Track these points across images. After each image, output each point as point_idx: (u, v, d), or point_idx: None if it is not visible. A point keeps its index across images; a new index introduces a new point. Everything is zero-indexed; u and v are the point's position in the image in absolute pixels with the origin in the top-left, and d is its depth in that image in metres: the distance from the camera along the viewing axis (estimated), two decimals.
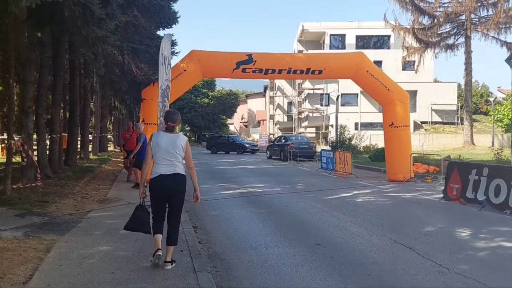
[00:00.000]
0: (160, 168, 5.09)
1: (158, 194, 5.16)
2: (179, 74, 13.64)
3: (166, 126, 5.20)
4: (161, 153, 5.05)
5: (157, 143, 5.06)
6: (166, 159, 5.08)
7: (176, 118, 5.21)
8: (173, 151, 5.07)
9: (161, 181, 5.08)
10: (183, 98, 64.74)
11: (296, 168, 21.30)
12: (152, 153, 5.11)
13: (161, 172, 5.07)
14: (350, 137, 26.95)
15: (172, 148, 5.06)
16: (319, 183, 14.81)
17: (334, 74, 14.68)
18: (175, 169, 5.13)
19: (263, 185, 14.51)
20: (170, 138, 5.09)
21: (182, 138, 5.20)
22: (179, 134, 5.30)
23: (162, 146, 5.04)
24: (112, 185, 13.50)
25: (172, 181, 5.12)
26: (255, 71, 13.94)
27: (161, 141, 5.07)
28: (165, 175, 5.07)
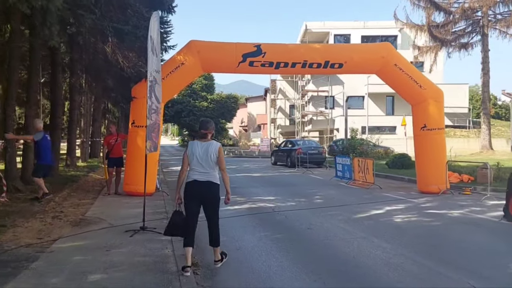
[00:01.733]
0: (195, 175, 5.36)
1: (192, 198, 5.39)
2: (175, 68, 11.58)
3: (200, 134, 5.48)
4: (196, 161, 5.35)
5: (192, 151, 5.38)
6: (200, 166, 5.34)
7: (208, 126, 5.50)
8: (206, 158, 5.32)
9: (195, 186, 5.34)
10: (182, 101, 62.69)
11: (306, 176, 19.18)
12: (188, 161, 5.42)
13: (195, 178, 5.34)
14: (361, 142, 24.83)
15: (206, 156, 5.33)
16: (339, 196, 12.70)
17: (356, 68, 12.61)
18: (209, 177, 5.36)
19: (273, 197, 12.41)
20: (203, 146, 5.38)
21: (215, 145, 5.42)
22: (212, 142, 5.47)
23: (196, 154, 5.34)
24: (95, 199, 11.38)
25: (205, 187, 5.35)
26: (265, 64, 11.86)
27: (196, 149, 5.37)
28: (199, 181, 5.33)
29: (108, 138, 12.79)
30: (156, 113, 8.25)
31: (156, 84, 8.06)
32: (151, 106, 7.68)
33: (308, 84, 44.45)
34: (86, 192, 12.65)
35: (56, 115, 14.65)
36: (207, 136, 5.45)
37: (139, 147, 11.50)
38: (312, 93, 43.28)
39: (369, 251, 6.51)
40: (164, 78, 11.49)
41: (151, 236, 7.17)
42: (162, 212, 9.57)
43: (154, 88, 7.93)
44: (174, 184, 16.98)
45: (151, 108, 7.71)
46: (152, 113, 7.79)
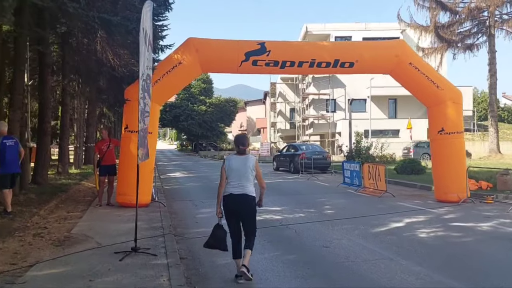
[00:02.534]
0: (231, 188, 5.49)
1: (230, 210, 5.51)
2: (172, 68, 10.62)
3: (238, 149, 5.60)
4: (233, 175, 5.49)
5: (230, 166, 5.54)
6: (238, 180, 5.47)
7: (246, 142, 5.71)
8: (244, 172, 5.48)
9: (231, 199, 5.47)
10: (180, 105, 61.78)
11: (311, 182, 18.19)
12: (226, 174, 5.53)
13: (231, 191, 5.47)
14: (368, 146, 23.82)
15: (244, 170, 5.48)
16: (351, 205, 11.72)
17: (368, 68, 11.65)
18: (245, 190, 5.47)
19: (279, 208, 11.43)
20: (241, 160, 5.54)
21: (252, 159, 5.60)
22: (249, 156, 5.65)
23: (234, 168, 5.50)
24: (85, 212, 10.39)
25: (241, 200, 5.45)
26: (269, 63, 10.91)
27: (233, 164, 5.54)
28: (235, 194, 5.45)
29: (99, 144, 11.80)
30: (149, 116, 7.28)
31: (149, 80, 7.08)
32: (144, 109, 6.70)
33: (309, 87, 43.54)
34: (76, 203, 11.65)
35: (44, 119, 13.65)
36: (246, 151, 5.65)
37: (133, 154, 10.49)
38: (313, 96, 42.37)
39: (400, 277, 5.53)
40: (160, 78, 10.57)
41: (144, 259, 6.17)
42: (158, 227, 8.56)
43: (148, 88, 6.95)
44: (172, 192, 16.02)
45: (144, 110, 6.73)
46: (146, 116, 6.82)
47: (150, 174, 11.17)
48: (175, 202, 12.91)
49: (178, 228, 9.00)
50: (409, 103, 41.83)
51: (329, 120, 41.55)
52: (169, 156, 54.91)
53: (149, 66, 7.12)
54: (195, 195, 14.62)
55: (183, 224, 9.49)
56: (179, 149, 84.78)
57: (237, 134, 6.23)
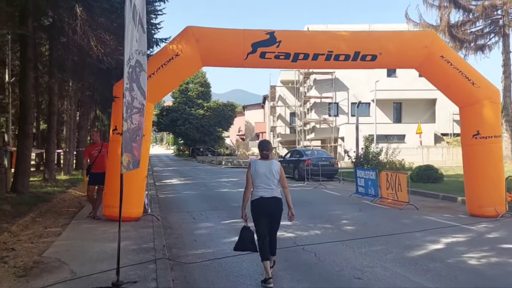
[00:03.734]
0: (260, 192, 5.61)
1: (260, 213, 5.60)
2: (168, 61, 9.18)
3: (261, 154, 5.76)
4: (260, 179, 5.61)
5: (256, 170, 5.65)
6: (265, 184, 5.61)
7: (269, 146, 5.88)
8: (270, 176, 5.62)
9: (261, 202, 5.58)
10: (177, 109, 60.33)
11: (319, 191, 16.72)
12: (252, 179, 5.67)
13: (261, 195, 5.59)
14: (377, 152, 22.35)
15: (270, 174, 5.62)
16: (372, 220, 10.26)
17: (392, 61, 10.20)
18: (273, 193, 5.63)
19: (289, 222, 9.93)
20: (266, 165, 5.68)
21: (276, 164, 5.78)
22: (273, 161, 5.82)
23: (260, 172, 5.62)
24: (66, 226, 8.91)
25: (271, 203, 5.60)
26: (279, 56, 9.47)
27: (259, 168, 5.65)
28: (265, 197, 5.58)
29: (89, 148, 10.37)
30: (140, 113, 5.82)
31: (141, 72, 5.62)
32: (131, 103, 5.24)
33: (311, 90, 42.17)
34: (57, 215, 10.16)
35: (26, 120, 12.18)
36: (269, 156, 5.78)
37: None
38: (315, 99, 40.97)
39: None
40: (153, 73, 9.13)
41: None
42: (149, 249, 7.08)
43: (137, 77, 5.49)
44: (167, 202, 14.52)
45: (132, 105, 5.26)
46: (134, 113, 5.35)
47: (142, 183, 9.71)
48: (170, 214, 11.43)
49: (173, 249, 7.53)
50: (414, 107, 40.59)
51: (332, 125, 40.14)
52: (166, 161, 53.34)
53: (141, 51, 5.65)
54: (193, 205, 13.14)
55: (179, 243, 8.02)
56: (176, 154, 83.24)
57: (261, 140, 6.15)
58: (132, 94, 5.22)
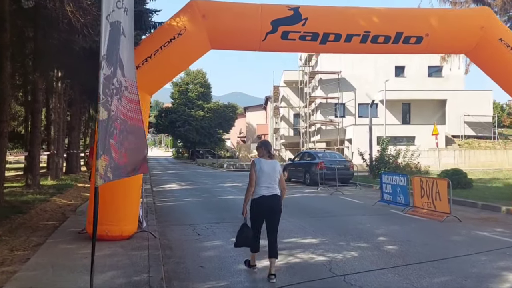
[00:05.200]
0: (262, 190, 5.69)
1: (259, 211, 5.76)
2: (168, 42, 7.43)
3: (268, 154, 5.87)
4: (264, 178, 5.70)
5: (261, 168, 5.71)
6: (267, 182, 5.70)
7: (271, 146, 6.16)
8: (273, 175, 5.75)
9: (263, 201, 5.69)
10: (176, 110, 58.51)
11: (337, 198, 14.95)
12: (256, 177, 5.70)
13: (263, 193, 5.69)
14: (395, 155, 20.55)
15: (273, 173, 5.76)
16: (413, 236, 8.50)
17: (440, 44, 8.42)
18: (274, 191, 5.75)
19: (315, 239, 8.22)
20: (270, 164, 5.80)
21: (278, 164, 5.94)
22: (275, 160, 5.95)
23: (265, 171, 5.71)
24: (39, 247, 7.12)
25: (272, 200, 5.71)
26: (305, 37, 7.72)
27: (264, 167, 5.72)
28: (266, 196, 5.68)
29: (92, 148, 8.66)
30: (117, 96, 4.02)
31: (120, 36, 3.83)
32: (110, 78, 3.47)
33: (316, 90, 40.43)
34: (31, 231, 8.35)
35: (1, 118, 10.41)
36: (273, 156, 5.95)
37: None
38: (320, 100, 39.21)
39: None
40: (150, 56, 7.39)
41: None
42: (142, 282, 5.29)
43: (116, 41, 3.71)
44: (166, 212, 12.72)
45: (111, 82, 3.50)
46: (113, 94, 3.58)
47: (137, 193, 7.92)
48: (170, 228, 9.64)
49: (174, 281, 5.77)
50: (423, 108, 38.87)
51: (338, 126, 38.38)
52: (165, 164, 51.49)
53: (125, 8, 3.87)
54: (195, 216, 11.38)
55: (182, 272, 6.24)
56: (175, 156, 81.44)
57: (263, 140, 6.37)
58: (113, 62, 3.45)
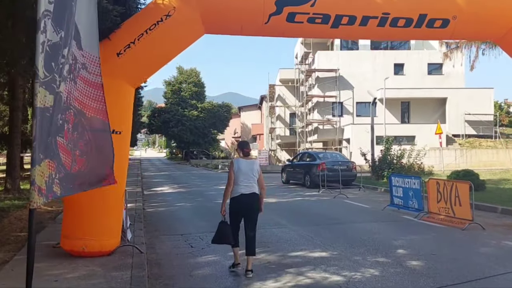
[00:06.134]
0: (241, 189, 5.88)
1: (238, 209, 5.95)
2: (155, 25, 6.36)
3: (244, 153, 6.09)
4: (243, 177, 5.88)
5: (239, 168, 5.89)
6: (246, 181, 5.90)
7: (249, 145, 6.38)
8: (251, 174, 5.92)
9: (241, 199, 5.87)
10: (169, 110, 57.31)
11: (342, 202, 13.89)
12: (234, 176, 5.89)
13: (241, 192, 5.87)
14: (400, 154, 19.50)
15: (251, 172, 5.93)
16: (437, 247, 7.47)
17: (468, 29, 7.32)
18: (252, 189, 5.93)
19: (325, 253, 7.17)
20: (248, 163, 5.99)
21: (257, 163, 6.14)
22: (254, 160, 6.25)
23: (243, 170, 5.89)
24: (3, 266, 5.99)
25: (250, 198, 5.89)
26: (315, 19, 6.66)
27: (242, 166, 5.91)
28: (245, 194, 5.87)
29: None
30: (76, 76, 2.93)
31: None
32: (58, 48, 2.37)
33: (313, 89, 39.40)
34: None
35: None
36: (250, 154, 6.19)
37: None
38: (317, 98, 38.17)
39: None
40: (133, 42, 6.30)
41: None
42: None
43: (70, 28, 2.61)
44: (156, 219, 11.57)
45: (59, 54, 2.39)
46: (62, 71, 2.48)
47: (119, 203, 6.80)
48: (159, 238, 8.55)
49: None
50: (423, 107, 37.95)
51: (336, 125, 37.36)
52: (158, 165, 50.28)
53: None
54: (188, 224, 10.29)
55: None
56: (168, 157, 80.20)
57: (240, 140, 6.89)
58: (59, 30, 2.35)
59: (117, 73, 6.41)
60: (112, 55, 6.36)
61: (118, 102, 6.44)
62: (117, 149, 6.60)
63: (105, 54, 6.40)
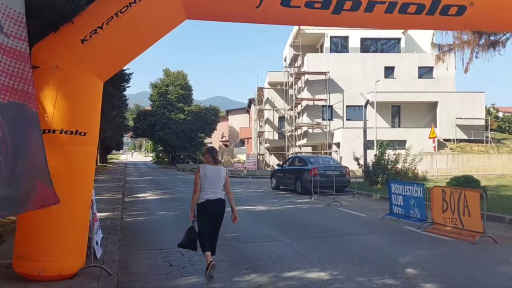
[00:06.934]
0: (207, 195, 6.00)
1: (205, 215, 6.03)
2: (127, 7, 5.39)
3: (214, 160, 6.19)
4: (209, 183, 6.01)
5: (205, 174, 6.03)
6: (212, 187, 6.02)
7: (217, 152, 6.49)
8: (218, 181, 6.06)
9: (208, 205, 5.99)
10: (155, 113, 56.13)
11: (336, 210, 12.99)
12: (200, 182, 6.01)
13: (207, 198, 5.99)
14: (395, 159, 18.68)
15: (218, 178, 6.06)
16: (449, 265, 6.58)
17: (486, 18, 6.42)
18: (218, 195, 6.05)
19: (324, 273, 6.25)
20: (215, 169, 6.13)
21: (223, 169, 6.25)
22: (220, 166, 6.28)
23: (210, 176, 6.02)
24: None
25: (216, 204, 6.02)
26: (313, 3, 5.75)
27: (209, 172, 6.05)
28: (211, 200, 5.99)
29: None
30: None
31: None
32: None
33: (302, 92, 38.63)
34: None
35: None
36: (217, 160, 6.24)
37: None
38: (307, 101, 37.37)
39: None
40: (101, 26, 5.34)
41: None
42: None
43: None
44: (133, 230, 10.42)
45: None
46: None
47: (82, 215, 5.76)
48: (135, 254, 7.54)
49: None
50: (413, 110, 37.38)
51: (325, 129, 36.58)
52: (143, 170, 49.00)
53: None
54: (170, 236, 9.24)
55: None
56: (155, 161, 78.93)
57: (209, 146, 6.78)
58: None
59: (82, 63, 5.43)
60: (76, 42, 5.37)
61: (83, 97, 5.46)
62: (82, 153, 5.62)
63: (67, 41, 5.45)
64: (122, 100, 41.42)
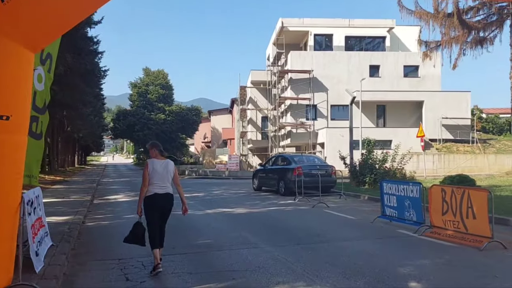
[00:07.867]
0: (155, 189, 5.92)
1: (153, 208, 5.93)
2: None
3: (161, 154, 6.15)
4: (157, 177, 5.94)
5: (154, 168, 5.95)
6: (161, 181, 5.95)
7: (161, 146, 6.30)
8: (166, 175, 6.01)
9: (156, 198, 5.91)
10: (135, 113, 54.55)
11: (322, 213, 11.92)
12: (149, 177, 5.91)
13: (155, 191, 5.91)
14: (383, 158, 17.69)
15: (166, 172, 6.01)
16: (458, 277, 5.55)
17: None
18: (167, 190, 6.00)
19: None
20: (163, 164, 6.06)
21: (171, 164, 6.18)
22: (168, 160, 6.19)
23: (158, 171, 5.95)
24: None
25: (164, 198, 5.96)
26: None
27: (157, 167, 5.97)
28: (159, 194, 5.92)
29: None
30: None
31: None
32: None
33: (286, 90, 37.61)
34: None
35: None
36: (164, 154, 6.20)
37: None
38: (290, 101, 36.34)
39: None
40: None
41: None
42: None
43: None
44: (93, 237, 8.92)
45: None
46: None
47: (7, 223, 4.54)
48: (87, 266, 6.34)
49: None
50: (399, 110, 36.68)
51: (310, 129, 35.59)
52: (121, 171, 47.43)
53: None
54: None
55: None
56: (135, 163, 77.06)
57: (152, 141, 6.45)
58: None
59: (4, 28, 4.23)
60: None
61: (3, 70, 4.26)
62: (6, 144, 4.42)
63: None
64: (98, 98, 39.97)
